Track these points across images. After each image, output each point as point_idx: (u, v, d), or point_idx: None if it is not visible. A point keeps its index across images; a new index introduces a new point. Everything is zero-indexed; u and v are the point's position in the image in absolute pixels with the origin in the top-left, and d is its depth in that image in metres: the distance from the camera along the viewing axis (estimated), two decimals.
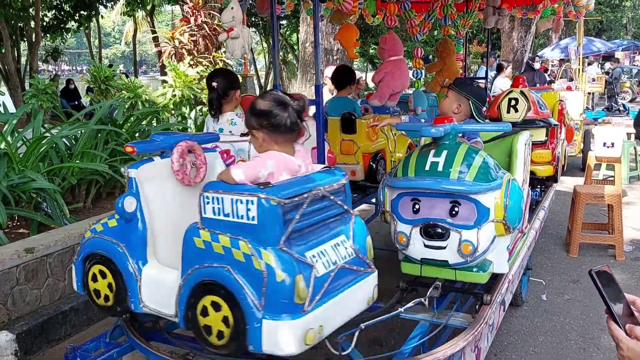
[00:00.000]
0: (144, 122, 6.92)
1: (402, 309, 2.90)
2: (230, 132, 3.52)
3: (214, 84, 3.60)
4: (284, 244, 2.02)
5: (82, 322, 4.33)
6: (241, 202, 2.03)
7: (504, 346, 3.94)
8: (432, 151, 2.95)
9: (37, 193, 4.97)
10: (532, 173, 4.50)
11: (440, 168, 2.86)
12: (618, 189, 5.92)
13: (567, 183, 8.45)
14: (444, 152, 2.90)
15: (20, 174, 4.93)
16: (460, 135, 3.14)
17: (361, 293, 2.34)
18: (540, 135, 4.91)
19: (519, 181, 3.16)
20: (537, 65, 11.92)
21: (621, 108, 13.13)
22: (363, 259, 2.35)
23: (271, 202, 2.00)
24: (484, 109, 3.79)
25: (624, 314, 1.36)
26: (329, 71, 7.13)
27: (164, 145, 2.61)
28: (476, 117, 3.49)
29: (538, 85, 10.41)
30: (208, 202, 2.11)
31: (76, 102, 16.28)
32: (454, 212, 2.83)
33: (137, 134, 6.45)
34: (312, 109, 4.09)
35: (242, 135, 3.29)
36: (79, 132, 5.90)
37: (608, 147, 7.76)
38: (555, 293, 4.84)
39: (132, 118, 6.85)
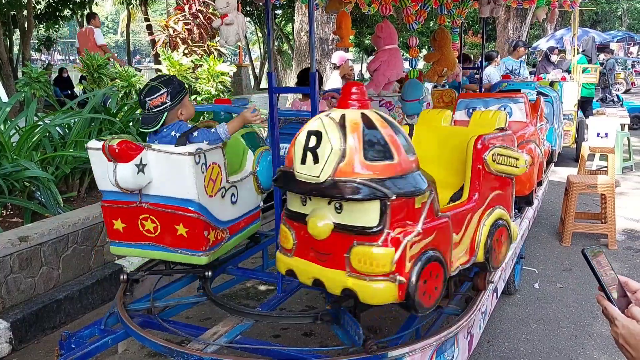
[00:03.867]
0: (137, 111, 6.88)
1: None
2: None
3: None
4: None
5: (77, 310, 4.34)
6: None
7: (496, 333, 3.97)
8: None
9: (30, 182, 4.96)
10: None
11: None
12: (611, 179, 5.95)
13: (560, 173, 8.49)
14: None
15: (13, 162, 4.91)
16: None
17: None
18: (368, 216, 2.16)
19: None
20: (554, 58, 11.64)
21: (615, 99, 13.16)
22: None
23: None
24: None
25: (618, 295, 1.38)
26: (335, 57, 7.13)
27: None
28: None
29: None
30: None
31: (69, 91, 16.20)
32: None
33: (131, 123, 6.42)
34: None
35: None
36: (73, 120, 5.87)
37: (602, 137, 7.80)
38: (548, 281, 4.87)
39: (125, 107, 6.82)
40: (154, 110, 2.91)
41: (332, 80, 6.86)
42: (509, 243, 2.95)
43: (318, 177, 2.17)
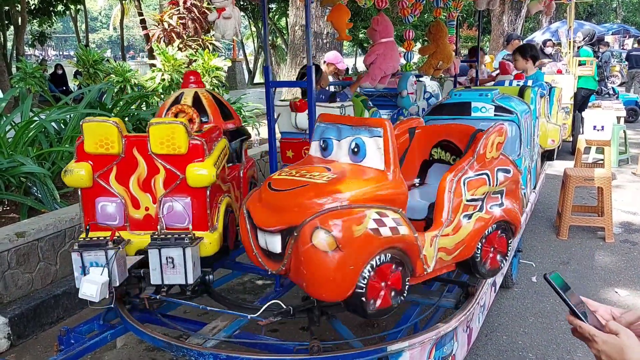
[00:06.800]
0: (133, 106, 6.87)
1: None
2: None
3: None
4: None
5: (75, 305, 4.32)
6: None
7: (494, 327, 3.98)
8: None
9: (26, 177, 4.94)
10: None
11: None
12: (608, 171, 5.96)
13: (557, 167, 8.51)
14: None
15: (9, 158, 4.89)
16: None
17: None
18: None
19: None
20: (549, 50, 11.51)
21: (611, 92, 13.15)
22: None
23: None
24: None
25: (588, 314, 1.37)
26: (331, 55, 7.08)
27: None
28: None
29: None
30: None
31: (64, 88, 16.14)
32: None
33: (126, 118, 6.40)
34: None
35: None
36: (68, 116, 5.86)
37: (598, 130, 7.80)
38: None
39: (121, 102, 6.80)
40: None
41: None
42: None
43: None
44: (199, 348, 2.43)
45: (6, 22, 17.42)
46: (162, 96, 7.61)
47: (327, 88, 5.08)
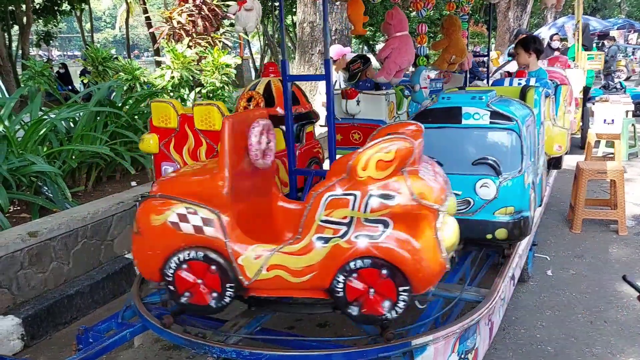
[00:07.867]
0: (142, 104, 6.85)
1: None
2: None
3: None
4: None
5: (88, 305, 4.31)
6: None
7: (512, 321, 3.95)
8: None
9: (37, 176, 4.92)
10: None
11: None
12: (620, 164, 5.91)
13: (568, 161, 8.45)
14: None
15: (19, 157, 4.87)
16: None
17: None
18: None
19: None
20: (556, 45, 11.39)
21: (618, 86, 13.09)
22: None
23: None
24: None
25: None
26: (332, 51, 7.07)
27: None
28: None
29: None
30: None
31: (70, 87, 16.16)
32: None
33: (136, 116, 6.38)
34: None
35: None
36: (78, 114, 5.83)
37: (608, 123, 7.76)
38: (561, 268, 4.85)
39: (130, 100, 6.78)
40: (354, 71, 4.85)
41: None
42: None
43: None
44: (221, 345, 2.41)
45: (11, 22, 17.42)
46: (172, 94, 7.58)
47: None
